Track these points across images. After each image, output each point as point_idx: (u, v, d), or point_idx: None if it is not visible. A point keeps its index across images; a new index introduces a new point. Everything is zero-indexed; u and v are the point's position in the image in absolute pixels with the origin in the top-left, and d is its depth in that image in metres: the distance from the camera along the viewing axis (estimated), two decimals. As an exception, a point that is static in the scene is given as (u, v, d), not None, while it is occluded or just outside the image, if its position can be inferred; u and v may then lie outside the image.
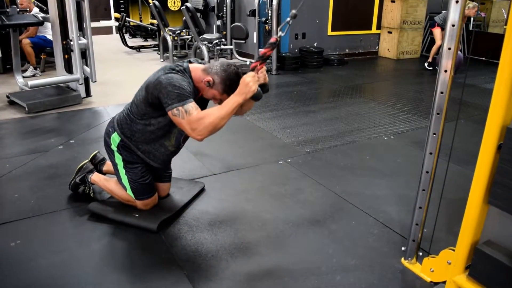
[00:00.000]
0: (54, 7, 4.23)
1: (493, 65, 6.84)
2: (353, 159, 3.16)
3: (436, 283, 1.79)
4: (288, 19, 1.82)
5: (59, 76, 4.51)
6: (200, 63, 2.15)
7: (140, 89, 2.09)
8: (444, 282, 1.71)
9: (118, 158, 2.21)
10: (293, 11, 1.82)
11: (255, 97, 1.93)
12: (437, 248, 1.83)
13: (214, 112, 1.89)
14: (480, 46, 7.38)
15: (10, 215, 2.27)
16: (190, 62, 2.12)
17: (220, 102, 2.03)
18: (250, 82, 1.87)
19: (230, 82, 2.00)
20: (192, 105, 1.90)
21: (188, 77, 2.02)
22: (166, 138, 2.15)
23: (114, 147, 2.20)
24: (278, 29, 1.88)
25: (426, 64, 6.70)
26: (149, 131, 2.11)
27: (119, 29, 8.10)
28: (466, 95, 5.05)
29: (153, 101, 1.99)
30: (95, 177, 2.43)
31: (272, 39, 1.89)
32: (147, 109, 2.05)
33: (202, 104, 2.14)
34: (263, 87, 1.98)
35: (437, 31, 6.45)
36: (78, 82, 4.37)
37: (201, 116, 1.88)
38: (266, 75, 1.98)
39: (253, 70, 1.91)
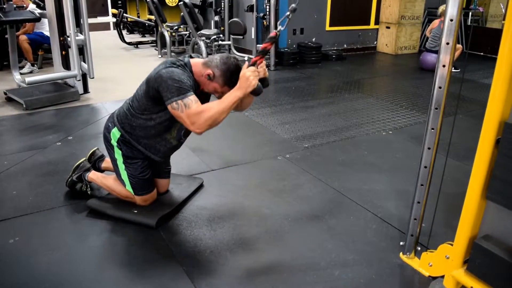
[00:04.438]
0: (51, 3, 4.20)
1: (491, 60, 6.84)
2: (352, 154, 3.16)
3: (434, 278, 1.80)
4: (288, 13, 1.82)
5: (57, 72, 4.49)
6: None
7: (142, 84, 2.10)
8: (443, 277, 1.71)
9: (118, 153, 2.20)
10: (293, 5, 1.82)
11: (255, 92, 1.92)
12: (436, 242, 1.84)
13: (214, 106, 1.89)
14: (478, 41, 7.38)
15: (9, 212, 2.27)
16: (191, 57, 2.12)
17: (221, 95, 2.03)
18: (250, 76, 1.86)
19: (230, 74, 1.99)
20: (191, 99, 1.90)
21: (188, 71, 2.02)
22: (167, 132, 2.15)
23: (114, 142, 2.20)
24: (278, 23, 1.88)
25: None
26: (150, 126, 2.11)
27: (117, 25, 8.07)
28: (465, 90, 5.05)
29: (154, 95, 1.99)
30: (92, 175, 2.42)
31: (272, 34, 1.89)
32: (148, 103, 2.05)
33: (204, 99, 2.14)
34: (263, 81, 1.97)
35: None
36: (76, 79, 4.35)
37: (201, 110, 1.88)
38: (266, 69, 1.98)
39: (253, 64, 1.91)
